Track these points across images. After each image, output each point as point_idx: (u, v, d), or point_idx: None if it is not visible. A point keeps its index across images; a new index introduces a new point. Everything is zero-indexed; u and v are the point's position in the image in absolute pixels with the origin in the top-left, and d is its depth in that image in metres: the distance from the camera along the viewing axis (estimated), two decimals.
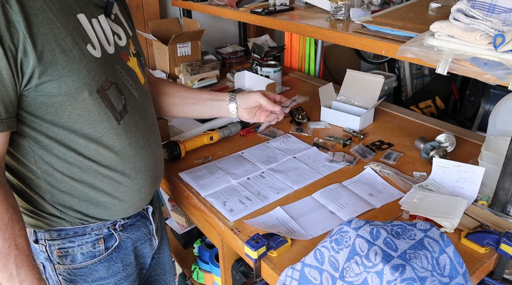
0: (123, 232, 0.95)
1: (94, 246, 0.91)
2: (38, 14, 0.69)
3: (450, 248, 0.77)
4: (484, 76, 0.80)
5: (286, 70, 2.11)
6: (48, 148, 0.79)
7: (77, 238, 0.89)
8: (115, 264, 0.95)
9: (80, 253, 0.90)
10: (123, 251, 0.96)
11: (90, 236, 0.90)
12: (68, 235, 0.88)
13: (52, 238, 0.88)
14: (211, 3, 1.78)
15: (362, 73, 1.60)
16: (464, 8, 0.82)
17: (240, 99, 1.12)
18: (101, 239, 0.91)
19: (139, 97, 0.91)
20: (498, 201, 0.99)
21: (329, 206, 1.05)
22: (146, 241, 1.03)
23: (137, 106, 0.90)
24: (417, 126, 1.49)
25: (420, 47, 0.88)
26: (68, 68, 0.73)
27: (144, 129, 0.92)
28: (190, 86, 1.85)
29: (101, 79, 0.79)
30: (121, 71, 0.86)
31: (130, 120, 0.87)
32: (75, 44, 0.74)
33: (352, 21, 1.21)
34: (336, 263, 0.77)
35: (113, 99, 0.83)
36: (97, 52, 0.79)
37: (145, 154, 0.92)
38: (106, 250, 0.93)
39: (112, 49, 0.84)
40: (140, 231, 0.99)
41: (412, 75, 3.26)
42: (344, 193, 1.10)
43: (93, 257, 0.91)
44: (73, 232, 0.88)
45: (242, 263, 1.11)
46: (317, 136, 1.43)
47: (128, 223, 0.96)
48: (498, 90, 2.42)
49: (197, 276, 1.72)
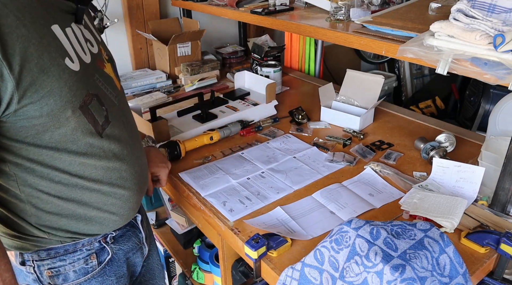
0: (114, 245, 0.92)
1: (87, 262, 0.88)
2: (12, 32, 0.63)
3: (450, 248, 0.77)
4: (484, 76, 0.80)
5: (286, 70, 2.11)
6: (30, 170, 0.75)
7: (68, 256, 0.85)
8: (109, 278, 0.92)
9: (73, 271, 0.86)
10: (116, 263, 0.93)
11: (81, 252, 0.87)
12: (58, 253, 0.84)
13: (41, 258, 0.84)
14: (211, 3, 1.78)
15: (362, 73, 1.60)
16: (464, 8, 0.82)
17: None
18: (93, 254, 0.88)
19: (118, 104, 0.88)
20: (498, 201, 0.99)
21: (329, 206, 1.05)
22: (137, 250, 1.00)
23: (118, 114, 0.86)
24: (417, 126, 1.49)
25: (420, 47, 0.88)
26: (48, 87, 0.68)
27: (127, 137, 0.88)
28: (190, 86, 1.85)
29: (83, 93, 0.75)
30: (100, 80, 0.82)
31: (112, 131, 0.83)
32: (52, 60, 0.69)
33: (352, 21, 1.21)
34: (336, 263, 0.77)
35: (95, 113, 0.79)
36: (75, 65, 0.74)
37: (130, 162, 0.88)
38: (99, 264, 0.89)
39: (88, 58, 0.79)
40: (131, 241, 0.97)
41: (412, 75, 3.26)
42: (344, 193, 1.10)
43: (86, 273, 0.88)
44: (64, 250, 0.85)
45: (242, 263, 1.11)
46: (317, 136, 1.43)
47: (119, 235, 0.93)
48: (498, 90, 2.42)
49: (197, 276, 1.72)
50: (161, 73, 1.93)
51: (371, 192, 1.11)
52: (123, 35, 2.03)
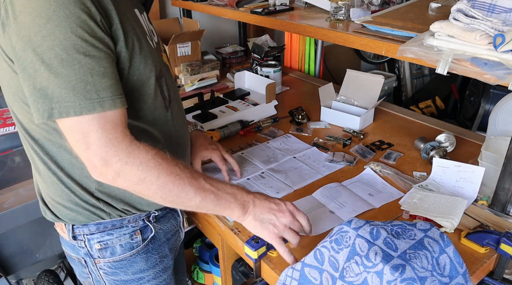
0: (156, 223, 0.96)
1: (132, 238, 0.92)
2: (119, 3, 0.74)
3: (450, 248, 0.77)
4: (484, 76, 0.80)
5: (286, 70, 2.11)
6: None
7: (115, 230, 0.90)
8: (153, 256, 0.97)
9: (119, 245, 0.91)
10: (157, 242, 0.97)
11: (127, 228, 0.91)
12: (106, 228, 0.89)
13: (91, 232, 0.89)
14: (211, 3, 1.78)
15: (362, 73, 1.60)
16: (464, 8, 0.82)
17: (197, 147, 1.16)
18: (137, 231, 0.92)
19: (174, 89, 0.95)
20: (498, 201, 0.99)
21: (329, 205, 1.05)
22: (175, 233, 1.04)
23: (176, 97, 0.94)
24: (417, 126, 1.49)
25: (420, 47, 0.88)
26: (142, 55, 0.77)
27: (182, 120, 0.97)
28: (190, 86, 1.85)
29: (157, 68, 0.83)
30: (163, 63, 0.90)
31: (173, 108, 0.91)
32: (141, 34, 0.79)
33: (352, 21, 1.21)
34: (336, 263, 0.77)
35: (164, 88, 0.87)
36: (151, 44, 0.84)
37: (181, 142, 0.95)
38: (143, 241, 0.94)
39: (154, 44, 0.89)
40: (170, 223, 1.01)
41: (412, 75, 3.26)
42: (343, 192, 1.10)
43: (132, 248, 0.93)
44: (111, 225, 0.89)
45: (242, 263, 1.11)
46: (317, 136, 1.43)
47: (160, 215, 0.97)
48: (498, 90, 2.42)
49: (197, 276, 1.72)
50: None
51: (370, 192, 1.11)
52: None
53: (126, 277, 0.95)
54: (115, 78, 0.71)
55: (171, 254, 1.03)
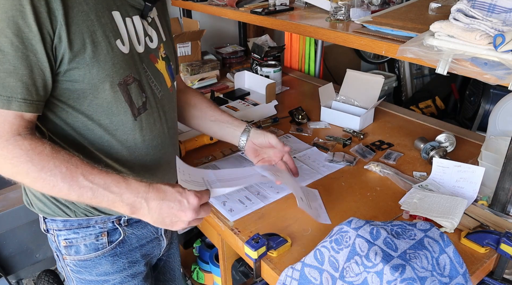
0: (128, 228, 0.95)
1: (97, 239, 0.91)
2: (74, 6, 0.73)
3: (450, 248, 0.77)
4: (484, 76, 0.80)
5: (286, 70, 2.11)
6: (63, 135, 0.81)
7: (81, 229, 0.90)
8: (120, 260, 0.95)
9: (84, 244, 0.91)
10: (127, 247, 0.96)
11: (94, 228, 0.91)
12: (72, 226, 0.90)
13: (58, 228, 0.90)
14: (211, 3, 1.78)
15: (362, 73, 1.60)
16: (464, 8, 0.82)
17: (254, 134, 1.09)
18: (104, 233, 0.92)
19: (161, 98, 0.92)
20: (498, 201, 0.99)
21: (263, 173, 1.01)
22: (153, 240, 1.02)
23: (157, 106, 0.91)
24: (417, 126, 1.49)
25: (420, 47, 0.88)
26: (95, 59, 0.76)
27: (161, 130, 0.92)
28: (190, 86, 1.85)
29: (125, 73, 0.81)
30: (147, 70, 0.88)
31: (147, 118, 0.88)
32: (105, 37, 0.77)
33: (352, 21, 1.21)
34: (336, 263, 0.77)
35: (133, 95, 0.84)
36: (125, 48, 0.81)
37: (157, 154, 0.92)
38: (109, 243, 0.93)
39: (141, 49, 0.86)
40: (146, 229, 0.99)
41: (412, 75, 3.26)
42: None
43: (96, 249, 0.92)
44: (78, 223, 0.90)
45: (242, 263, 1.11)
46: (317, 136, 1.43)
47: (134, 220, 0.95)
48: (498, 90, 2.42)
49: (197, 276, 1.72)
50: None
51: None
52: None
53: (90, 278, 0.95)
54: (25, 80, 0.70)
55: (144, 260, 1.01)
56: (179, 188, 0.77)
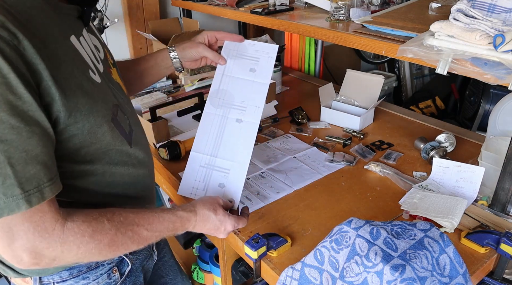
0: (132, 255, 0.90)
1: (110, 277, 0.85)
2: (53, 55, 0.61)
3: (450, 248, 0.77)
4: (484, 76, 0.80)
5: (286, 70, 2.11)
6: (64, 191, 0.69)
7: (90, 272, 0.81)
8: None
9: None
10: (134, 273, 0.92)
11: (103, 267, 0.83)
12: (81, 271, 0.80)
13: (62, 279, 0.79)
14: (211, 3, 1.78)
15: (362, 73, 1.60)
16: (464, 8, 0.82)
17: (181, 53, 1.03)
18: (114, 268, 0.85)
19: (131, 110, 0.86)
20: (498, 201, 0.99)
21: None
22: (149, 257, 0.99)
23: (134, 121, 0.85)
24: (417, 126, 1.49)
25: (420, 47, 0.88)
26: (87, 105, 0.66)
27: (145, 143, 0.88)
28: (190, 86, 1.85)
29: (110, 105, 0.73)
30: (113, 88, 0.79)
31: (136, 138, 0.82)
32: (82, 75, 0.67)
33: (352, 21, 1.21)
34: (336, 263, 0.77)
35: (123, 123, 0.77)
36: (97, 77, 0.72)
37: (150, 168, 0.89)
38: (121, 277, 0.87)
39: (101, 67, 0.76)
40: (144, 250, 0.96)
41: (412, 75, 3.26)
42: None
43: None
44: (86, 267, 0.81)
45: (242, 263, 1.11)
46: (317, 136, 1.43)
47: None
48: (498, 90, 2.42)
49: (197, 276, 1.72)
50: None
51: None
52: (123, 35, 2.03)
53: None
54: (42, 158, 0.59)
55: (145, 280, 0.98)
56: (220, 216, 0.83)
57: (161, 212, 0.77)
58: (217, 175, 0.94)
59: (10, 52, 0.55)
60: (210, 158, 0.95)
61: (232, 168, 0.93)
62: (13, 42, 0.55)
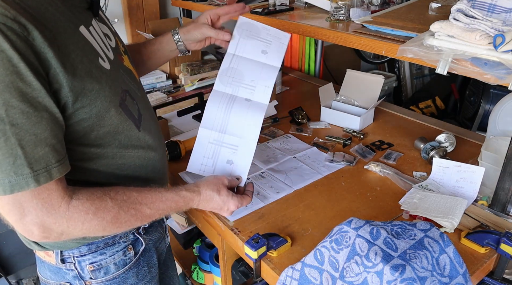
0: (146, 235, 0.94)
1: (125, 254, 0.89)
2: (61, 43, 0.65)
3: (450, 248, 0.77)
4: (484, 76, 0.80)
5: (286, 70, 2.11)
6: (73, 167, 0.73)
7: (107, 249, 0.86)
8: (143, 268, 0.94)
9: (113, 263, 0.88)
10: (147, 253, 0.95)
11: (119, 244, 0.88)
12: (98, 247, 0.85)
13: (82, 254, 0.84)
14: (211, 3, 1.78)
15: (362, 73, 1.60)
16: (464, 8, 0.82)
17: (185, 35, 1.05)
18: (129, 246, 0.90)
19: (141, 95, 0.90)
20: (498, 201, 0.99)
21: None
22: (162, 239, 1.03)
23: (144, 106, 0.88)
24: (417, 126, 1.49)
25: (420, 47, 0.88)
26: (95, 90, 0.70)
27: (155, 128, 0.91)
28: (190, 86, 1.85)
29: (118, 91, 0.77)
30: (124, 74, 0.83)
31: (145, 123, 0.86)
32: (91, 63, 0.71)
33: (352, 21, 1.21)
34: (336, 263, 0.77)
35: (131, 108, 0.81)
36: (106, 64, 0.75)
37: (160, 152, 0.91)
38: (135, 255, 0.91)
39: (111, 54, 0.80)
40: (157, 232, 0.99)
41: (412, 75, 3.26)
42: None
43: (125, 265, 0.90)
44: (104, 243, 0.85)
45: (242, 263, 1.11)
46: (317, 136, 1.43)
47: (148, 225, 0.95)
48: (498, 90, 2.42)
49: (197, 276, 1.72)
50: (161, 73, 1.93)
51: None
52: (123, 35, 2.02)
53: None
54: (50, 141, 0.64)
55: (158, 262, 1.01)
56: (224, 197, 0.87)
57: (165, 191, 0.81)
58: (225, 152, 0.95)
59: (20, 43, 0.59)
60: (219, 134, 0.95)
61: (240, 145, 0.94)
62: (23, 33, 0.59)
